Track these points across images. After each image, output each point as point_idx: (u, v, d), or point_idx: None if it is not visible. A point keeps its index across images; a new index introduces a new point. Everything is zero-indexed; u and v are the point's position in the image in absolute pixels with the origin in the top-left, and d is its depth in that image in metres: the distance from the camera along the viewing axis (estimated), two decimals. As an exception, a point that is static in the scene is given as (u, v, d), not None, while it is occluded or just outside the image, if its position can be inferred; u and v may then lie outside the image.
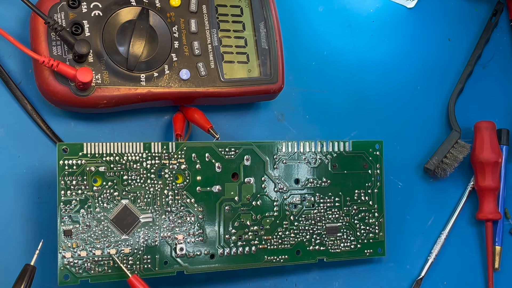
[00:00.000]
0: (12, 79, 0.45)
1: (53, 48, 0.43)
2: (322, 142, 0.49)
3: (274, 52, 0.49)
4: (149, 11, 0.46)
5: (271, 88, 0.49)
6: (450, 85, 0.59)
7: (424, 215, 0.56)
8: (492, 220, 0.56)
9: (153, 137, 0.48)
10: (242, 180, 0.46)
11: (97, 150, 0.42)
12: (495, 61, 0.61)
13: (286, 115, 0.53)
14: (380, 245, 0.51)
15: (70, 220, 0.41)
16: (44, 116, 0.46)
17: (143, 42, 0.45)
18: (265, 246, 0.47)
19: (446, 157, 0.55)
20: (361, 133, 0.55)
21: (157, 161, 0.44)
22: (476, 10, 0.61)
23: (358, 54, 0.56)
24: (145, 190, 0.43)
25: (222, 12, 0.48)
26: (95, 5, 0.45)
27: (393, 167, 0.55)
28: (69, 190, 0.41)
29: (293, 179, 0.48)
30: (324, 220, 0.49)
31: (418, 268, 0.55)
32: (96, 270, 0.42)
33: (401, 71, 0.57)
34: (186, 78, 0.46)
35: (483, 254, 0.57)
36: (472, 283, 0.56)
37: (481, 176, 0.56)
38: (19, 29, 0.45)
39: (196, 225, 0.45)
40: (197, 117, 0.47)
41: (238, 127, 0.51)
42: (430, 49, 0.59)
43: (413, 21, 0.59)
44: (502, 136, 0.57)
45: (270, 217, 0.47)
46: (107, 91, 0.44)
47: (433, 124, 0.58)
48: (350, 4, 0.57)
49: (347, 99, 0.55)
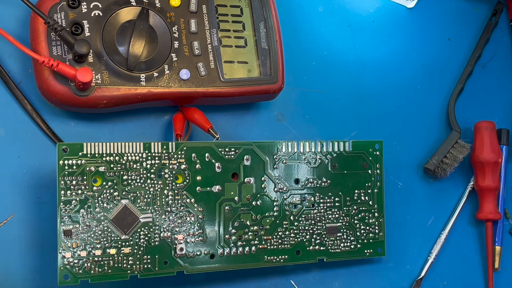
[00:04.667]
0: (12, 79, 0.45)
1: (53, 48, 0.43)
2: (322, 142, 0.49)
3: (274, 52, 0.49)
4: (149, 11, 0.46)
5: (271, 88, 0.49)
6: (450, 85, 0.59)
7: (424, 215, 0.56)
8: (492, 220, 0.56)
9: (153, 137, 0.48)
10: (242, 180, 0.46)
11: (97, 150, 0.42)
12: (495, 61, 0.61)
13: (286, 115, 0.53)
14: (380, 245, 0.51)
15: (70, 220, 0.41)
16: (44, 116, 0.46)
17: (143, 42, 0.45)
18: (265, 246, 0.47)
19: (446, 157, 0.55)
20: (361, 133, 0.55)
21: (157, 161, 0.44)
22: (476, 10, 0.61)
23: (358, 54, 0.56)
24: (145, 190, 0.43)
25: (222, 12, 0.48)
26: (95, 5, 0.45)
27: (393, 167, 0.55)
28: (69, 190, 0.41)
29: (293, 179, 0.48)
30: (324, 220, 0.49)
31: (418, 268, 0.55)
32: (96, 270, 0.42)
33: (401, 71, 0.57)
34: (186, 78, 0.46)
35: (483, 254, 0.57)
36: (472, 283, 0.56)
37: (481, 176, 0.56)
38: (19, 29, 0.45)
39: (196, 225, 0.45)
40: (197, 117, 0.47)
41: (238, 127, 0.51)
42: (430, 49, 0.59)
43: (413, 21, 0.59)
44: (502, 136, 0.57)
45: (270, 217, 0.47)
46: (107, 91, 0.44)
47: (433, 124, 0.57)
48: (350, 4, 0.57)
49: (347, 99, 0.55)
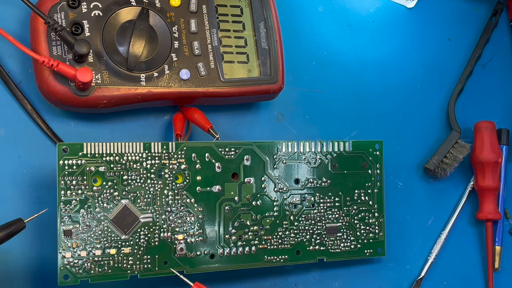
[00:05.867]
0: (12, 79, 0.45)
1: (53, 48, 0.43)
2: (322, 142, 0.49)
3: (274, 52, 0.49)
4: (149, 11, 0.46)
5: (271, 88, 0.49)
6: (450, 85, 0.59)
7: (424, 215, 0.56)
8: (492, 220, 0.56)
9: (153, 137, 0.48)
10: (242, 180, 0.46)
11: (97, 150, 0.42)
12: (495, 61, 0.61)
13: (286, 115, 0.53)
14: (380, 245, 0.51)
15: (70, 220, 0.41)
16: (44, 116, 0.46)
17: (143, 42, 0.45)
18: (265, 246, 0.47)
19: (446, 157, 0.55)
20: (361, 133, 0.55)
21: (157, 161, 0.44)
22: (476, 10, 0.61)
23: (358, 54, 0.56)
24: (145, 190, 0.43)
25: (222, 12, 0.48)
26: (95, 5, 0.45)
27: (393, 167, 0.55)
28: (69, 190, 0.41)
29: (293, 179, 0.48)
30: (324, 220, 0.49)
31: (418, 268, 0.55)
32: (96, 270, 0.42)
33: (401, 71, 0.57)
34: (186, 78, 0.46)
35: (483, 254, 0.57)
36: (472, 283, 0.56)
37: (481, 176, 0.56)
38: (19, 29, 0.45)
39: (196, 225, 0.45)
40: (197, 117, 0.47)
41: (238, 127, 0.51)
42: (430, 49, 0.59)
43: (413, 21, 0.59)
44: (502, 136, 0.57)
45: (270, 217, 0.47)
46: (107, 91, 0.44)
47: (433, 124, 0.57)
48: (350, 4, 0.57)
49: (347, 99, 0.55)
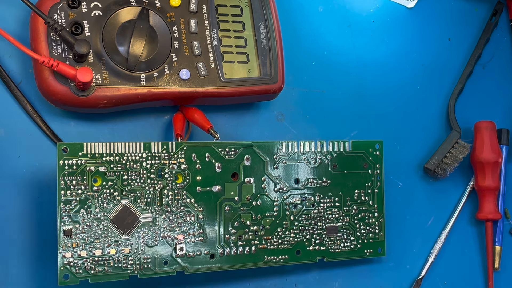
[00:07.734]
0: (12, 79, 0.45)
1: (53, 48, 0.43)
2: (322, 142, 0.49)
3: (274, 52, 0.49)
4: (149, 11, 0.46)
5: (271, 88, 0.49)
6: (450, 85, 0.59)
7: (424, 215, 0.56)
8: (492, 220, 0.56)
9: (153, 137, 0.48)
10: (242, 180, 0.46)
11: (97, 150, 0.42)
12: (495, 61, 0.61)
13: (286, 115, 0.53)
14: (380, 245, 0.51)
15: (70, 220, 0.41)
16: (44, 116, 0.46)
17: (143, 42, 0.45)
18: (265, 246, 0.47)
19: (446, 157, 0.55)
20: (361, 133, 0.55)
21: (157, 161, 0.44)
22: (476, 10, 0.61)
23: (358, 54, 0.56)
24: (145, 190, 0.43)
25: (222, 12, 0.48)
26: (95, 5, 0.45)
27: (393, 167, 0.55)
28: (69, 190, 0.41)
29: (293, 179, 0.48)
30: (324, 220, 0.49)
31: (418, 268, 0.55)
32: (96, 270, 0.42)
33: (401, 71, 0.57)
34: (186, 78, 0.46)
35: (483, 254, 0.57)
36: (472, 283, 0.56)
37: (481, 176, 0.56)
38: (19, 29, 0.45)
39: (196, 225, 0.45)
40: (197, 117, 0.47)
41: (238, 127, 0.51)
42: (430, 49, 0.59)
43: (413, 21, 0.59)
44: (502, 136, 0.57)
45: (270, 217, 0.47)
46: (107, 91, 0.44)
47: (433, 124, 0.57)
48: (350, 4, 0.57)
49: (347, 99, 0.55)
